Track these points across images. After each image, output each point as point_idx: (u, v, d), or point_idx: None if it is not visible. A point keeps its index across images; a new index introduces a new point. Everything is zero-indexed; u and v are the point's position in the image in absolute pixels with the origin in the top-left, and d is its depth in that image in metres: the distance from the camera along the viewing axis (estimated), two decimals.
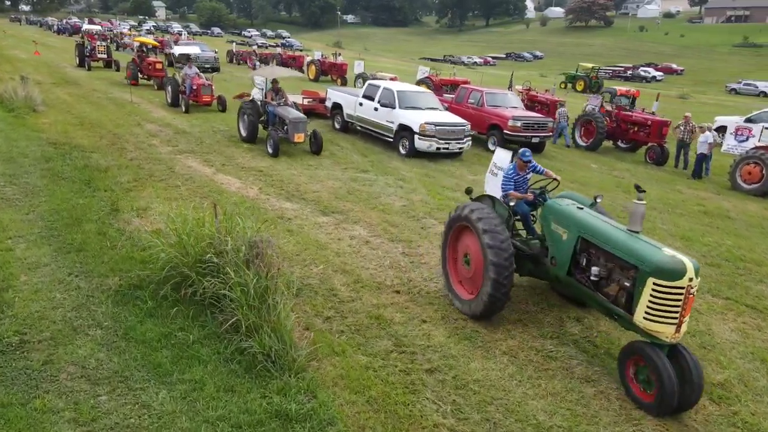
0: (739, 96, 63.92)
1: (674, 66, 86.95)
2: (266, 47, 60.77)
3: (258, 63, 31.25)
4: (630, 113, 19.15)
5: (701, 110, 35.80)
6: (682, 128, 17.30)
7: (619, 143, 20.23)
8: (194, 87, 19.87)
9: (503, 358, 6.29)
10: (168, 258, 6.75)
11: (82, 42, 31.43)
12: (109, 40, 49.55)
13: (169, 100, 20.73)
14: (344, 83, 33.92)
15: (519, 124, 16.60)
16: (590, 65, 50.61)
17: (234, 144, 15.50)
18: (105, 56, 30.61)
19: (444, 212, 11.18)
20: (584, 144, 19.41)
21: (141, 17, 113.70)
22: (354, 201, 11.47)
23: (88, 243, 8.23)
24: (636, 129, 18.84)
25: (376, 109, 16.27)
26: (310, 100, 20.07)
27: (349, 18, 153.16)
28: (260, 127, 15.82)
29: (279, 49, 43.73)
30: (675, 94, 57.45)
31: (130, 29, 62.26)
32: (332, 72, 34.77)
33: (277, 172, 13.08)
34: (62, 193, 10.33)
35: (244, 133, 15.65)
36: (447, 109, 17.00)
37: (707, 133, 15.82)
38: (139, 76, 25.46)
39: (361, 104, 16.97)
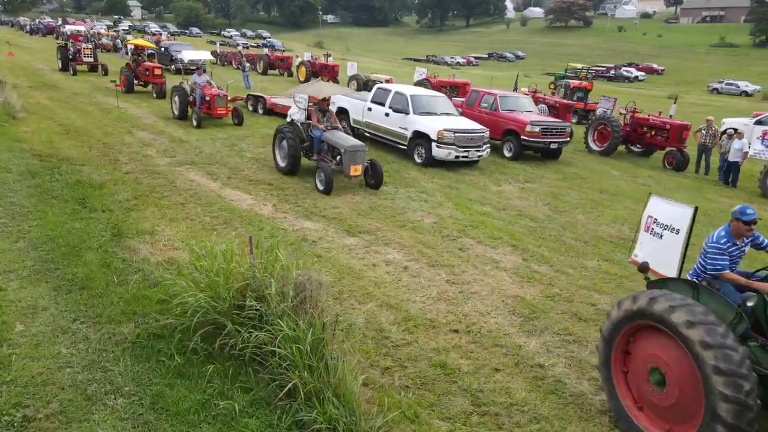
0: (722, 95, 64.32)
1: (655, 66, 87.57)
2: (247, 47, 59.23)
3: (248, 65, 29.94)
4: (647, 117, 18.40)
5: (693, 111, 35.48)
6: (704, 132, 16.63)
7: (632, 147, 19.47)
8: (207, 98, 17.61)
9: (603, 419, 5.33)
10: (198, 304, 5.63)
11: (64, 44, 28.96)
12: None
13: (176, 113, 18.19)
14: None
15: (537, 129, 15.72)
16: (580, 65, 50.12)
17: (237, 154, 14.34)
18: (91, 60, 28.27)
19: (478, 230, 10.23)
20: (598, 149, 18.62)
21: (116, 17, 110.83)
22: (379, 218, 10.44)
23: (92, 278, 7.07)
24: (653, 133, 18.10)
25: (387, 114, 15.24)
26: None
27: (329, 18, 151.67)
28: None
29: (266, 50, 42.38)
30: (664, 94, 57.48)
31: (108, 29, 60.21)
32: (323, 74, 33.56)
33: (289, 186, 11.99)
34: (55, 215, 9.12)
35: (282, 164, 12.72)
36: (461, 114, 16.03)
37: (744, 140, 15.09)
38: (135, 83, 23.13)
39: (369, 109, 15.93)
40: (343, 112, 17.11)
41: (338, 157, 11.88)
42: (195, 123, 17.19)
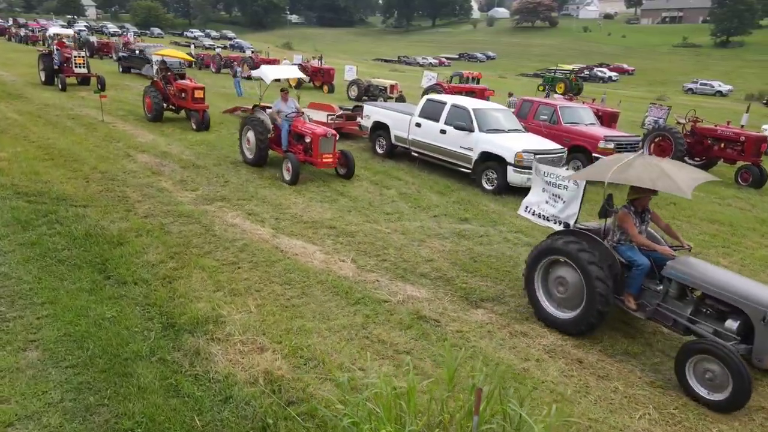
0: (697, 95, 64.44)
1: (626, 66, 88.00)
2: (214, 48, 55.67)
3: (239, 69, 27.09)
4: (713, 127, 16.54)
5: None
6: None
7: (688, 160, 17.56)
8: (307, 139, 11.78)
9: None
10: None
11: (48, 51, 23.36)
12: (43, 43, 43.51)
13: (250, 156, 12.66)
14: (331, 90, 30.23)
15: (612, 145, 13.60)
16: (570, 66, 48.83)
17: (271, 183, 11.70)
18: (84, 70, 22.74)
19: None
20: None
21: (69, 16, 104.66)
22: (492, 274, 8.09)
23: (161, 423, 4.50)
24: (722, 145, 16.23)
25: (443, 131, 12.86)
26: (334, 116, 16.38)
27: (293, 18, 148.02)
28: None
29: (249, 52, 39.29)
30: (641, 95, 56.87)
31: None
32: (316, 78, 30.95)
33: (355, 227, 9.51)
34: (70, 294, 6.44)
35: (562, 313, 6.64)
36: (526, 129, 13.76)
37: None
38: (164, 107, 17.40)
39: (418, 125, 13.51)
40: (381, 128, 14.67)
41: (731, 322, 5.51)
42: (288, 177, 11.57)
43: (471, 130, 12.29)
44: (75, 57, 22.53)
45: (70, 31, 29.00)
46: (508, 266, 8.44)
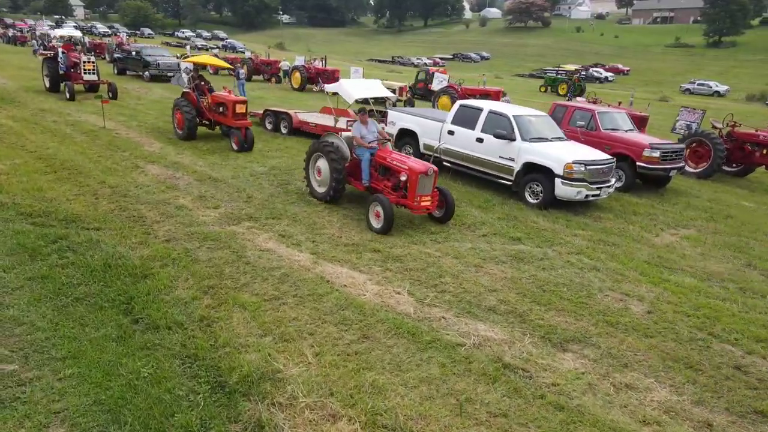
0: (696, 96, 64.10)
1: (620, 66, 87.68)
2: (207, 48, 54.47)
3: (242, 71, 25.97)
4: (755, 132, 15.73)
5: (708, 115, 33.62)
6: None
7: (725, 167, 16.75)
8: (402, 177, 9.27)
9: None
10: None
11: (53, 55, 20.91)
12: (32, 42, 42.14)
13: (321, 190, 10.34)
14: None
15: (657, 154, 12.70)
16: (573, 67, 48.12)
17: (298, 198, 10.64)
18: (94, 77, 20.58)
19: (721, 324, 7.06)
20: (693, 170, 15.82)
21: (57, 16, 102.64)
22: (568, 307, 7.13)
23: None
24: (765, 151, 15.41)
25: (479, 140, 11.91)
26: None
27: (285, 18, 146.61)
28: None
29: (248, 53, 38.12)
30: (644, 96, 56.31)
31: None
32: (321, 80, 29.86)
33: (401, 250, 8.52)
34: (95, 345, 5.41)
35: None
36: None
37: None
38: (198, 122, 14.99)
39: (451, 132, 12.55)
40: (408, 135, 13.69)
41: None
42: (378, 225, 9.05)
43: (512, 139, 11.33)
44: (84, 62, 20.35)
45: (77, 33, 26.79)
46: (581, 296, 7.50)
